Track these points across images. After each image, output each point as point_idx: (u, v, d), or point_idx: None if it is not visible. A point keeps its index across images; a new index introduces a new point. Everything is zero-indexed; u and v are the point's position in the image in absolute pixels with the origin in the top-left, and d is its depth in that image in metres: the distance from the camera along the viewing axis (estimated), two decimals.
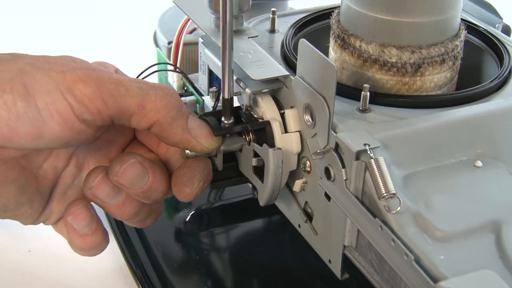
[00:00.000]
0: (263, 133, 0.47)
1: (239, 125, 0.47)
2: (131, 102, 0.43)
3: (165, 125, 0.44)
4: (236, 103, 0.49)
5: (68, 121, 0.41)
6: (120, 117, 0.43)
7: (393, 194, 0.39)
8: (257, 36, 0.52)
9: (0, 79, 0.40)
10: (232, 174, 0.49)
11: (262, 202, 0.48)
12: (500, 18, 0.61)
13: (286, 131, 0.46)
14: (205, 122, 0.46)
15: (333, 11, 0.52)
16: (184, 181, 0.45)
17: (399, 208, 0.39)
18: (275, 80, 0.47)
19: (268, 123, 0.46)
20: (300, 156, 0.47)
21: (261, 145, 0.46)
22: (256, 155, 0.46)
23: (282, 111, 0.47)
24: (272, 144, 0.46)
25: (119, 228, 0.58)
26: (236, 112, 0.48)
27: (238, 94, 0.48)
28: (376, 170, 0.40)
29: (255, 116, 0.47)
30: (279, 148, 0.45)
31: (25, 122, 0.40)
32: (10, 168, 0.43)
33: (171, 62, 0.62)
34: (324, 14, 0.55)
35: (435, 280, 0.36)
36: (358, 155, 0.41)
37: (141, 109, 0.43)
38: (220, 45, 0.44)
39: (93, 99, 0.41)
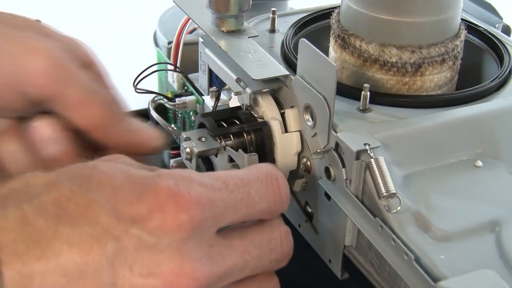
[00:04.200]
0: (261, 134, 0.47)
1: (236, 125, 0.47)
2: (75, 94, 0.41)
3: (105, 129, 0.42)
4: (236, 103, 0.49)
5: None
6: (56, 103, 0.41)
7: (393, 193, 0.39)
8: (257, 36, 0.52)
9: None
10: None
11: None
12: (500, 18, 0.61)
13: (286, 130, 0.46)
14: (145, 124, 0.45)
15: (333, 11, 0.52)
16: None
17: (399, 208, 0.39)
18: (276, 79, 0.47)
19: (265, 123, 0.46)
20: (300, 155, 0.47)
21: (259, 145, 0.46)
22: (231, 160, 0.46)
23: (282, 111, 0.47)
24: (270, 144, 0.46)
25: None
26: (234, 113, 0.48)
27: (238, 94, 0.48)
28: (376, 170, 0.40)
29: (256, 116, 0.47)
30: (255, 154, 0.45)
31: None
32: None
33: (171, 62, 0.62)
34: (324, 14, 0.55)
35: (436, 279, 0.36)
36: (358, 154, 0.41)
37: (81, 106, 0.41)
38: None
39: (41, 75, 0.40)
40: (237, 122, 0.48)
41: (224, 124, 0.47)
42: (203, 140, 0.47)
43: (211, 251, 0.37)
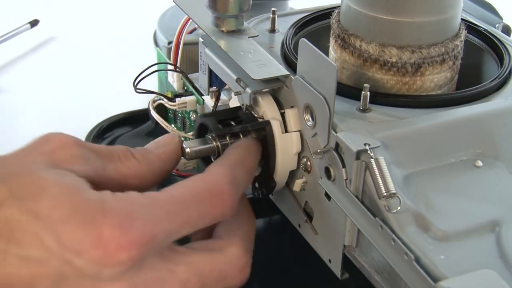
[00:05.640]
0: (263, 133, 0.47)
1: (239, 125, 0.47)
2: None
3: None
4: (236, 103, 0.49)
5: None
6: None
7: (393, 193, 0.39)
8: (257, 35, 0.52)
9: None
10: None
11: None
12: (500, 18, 0.61)
13: (286, 130, 0.46)
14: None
15: (333, 11, 0.52)
16: None
17: (399, 208, 0.39)
18: (276, 79, 0.47)
19: (268, 122, 0.46)
20: (300, 155, 0.47)
21: (261, 145, 0.46)
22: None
23: (283, 111, 0.47)
24: (272, 144, 0.46)
25: None
26: (236, 112, 0.48)
27: (238, 94, 0.48)
28: (376, 170, 0.40)
29: (256, 115, 0.47)
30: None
31: None
32: None
33: (171, 62, 0.62)
34: (324, 14, 0.55)
35: (435, 279, 0.36)
36: (358, 154, 0.41)
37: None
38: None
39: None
40: (238, 122, 0.48)
41: (232, 123, 0.48)
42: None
43: (153, 275, 0.39)
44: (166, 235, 0.39)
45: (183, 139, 0.47)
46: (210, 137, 0.47)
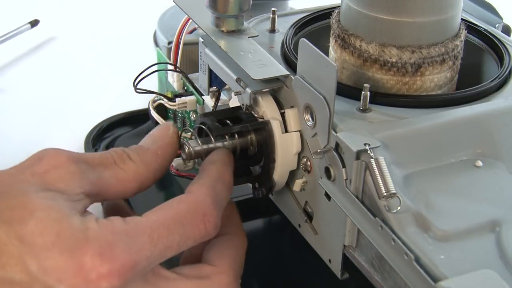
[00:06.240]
0: (263, 133, 0.47)
1: (239, 124, 0.47)
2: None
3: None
4: (236, 103, 0.49)
5: None
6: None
7: (393, 193, 0.39)
8: (257, 35, 0.52)
9: None
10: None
11: None
12: (500, 18, 0.61)
13: (286, 130, 0.47)
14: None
15: (333, 11, 0.52)
16: None
17: (399, 208, 0.39)
18: (276, 79, 0.47)
19: (267, 122, 0.46)
20: (300, 155, 0.47)
21: (260, 145, 0.46)
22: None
23: (283, 111, 0.47)
24: (272, 144, 0.46)
25: None
26: (236, 112, 0.48)
27: (238, 94, 0.48)
28: (376, 170, 0.40)
29: (256, 115, 0.47)
30: None
31: None
32: None
33: (171, 62, 0.62)
34: (324, 14, 0.55)
35: (436, 279, 0.36)
36: (358, 154, 0.41)
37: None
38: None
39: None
40: (237, 121, 0.48)
41: (229, 123, 0.48)
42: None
43: None
44: (148, 262, 0.39)
45: (178, 128, 0.47)
46: (216, 136, 0.47)
